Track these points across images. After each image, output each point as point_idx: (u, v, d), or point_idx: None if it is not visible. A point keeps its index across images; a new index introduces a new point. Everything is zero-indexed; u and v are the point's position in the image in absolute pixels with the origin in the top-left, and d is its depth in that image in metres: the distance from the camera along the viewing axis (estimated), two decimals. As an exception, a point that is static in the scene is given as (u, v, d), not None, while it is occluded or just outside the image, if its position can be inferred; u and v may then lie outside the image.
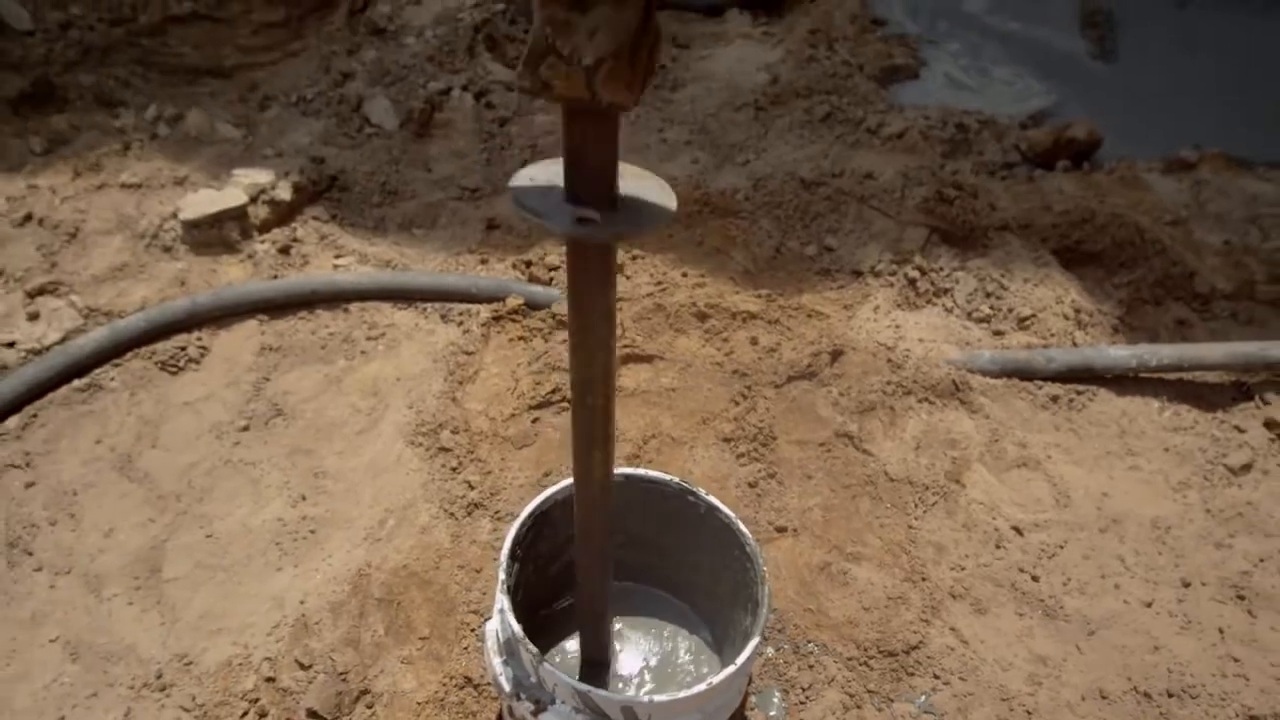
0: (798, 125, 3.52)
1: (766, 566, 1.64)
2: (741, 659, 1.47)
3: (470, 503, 2.23)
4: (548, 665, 1.44)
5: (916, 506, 2.25)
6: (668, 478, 1.75)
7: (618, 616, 1.89)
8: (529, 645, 1.47)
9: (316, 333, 2.72)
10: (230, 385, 2.57)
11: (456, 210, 3.21)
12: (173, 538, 2.21)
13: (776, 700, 1.90)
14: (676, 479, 1.75)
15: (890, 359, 2.53)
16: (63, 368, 2.54)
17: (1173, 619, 2.05)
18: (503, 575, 1.57)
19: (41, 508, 2.27)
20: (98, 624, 2.05)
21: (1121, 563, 2.16)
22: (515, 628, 1.48)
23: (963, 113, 3.79)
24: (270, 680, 1.92)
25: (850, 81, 3.85)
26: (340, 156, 3.40)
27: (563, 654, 1.86)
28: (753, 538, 1.65)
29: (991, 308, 2.70)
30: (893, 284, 2.79)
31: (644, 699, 1.43)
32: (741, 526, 1.67)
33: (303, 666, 1.94)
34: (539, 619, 1.88)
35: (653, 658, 1.87)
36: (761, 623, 1.53)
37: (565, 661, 1.85)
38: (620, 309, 2.59)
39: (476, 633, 1.97)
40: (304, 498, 2.29)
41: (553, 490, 1.69)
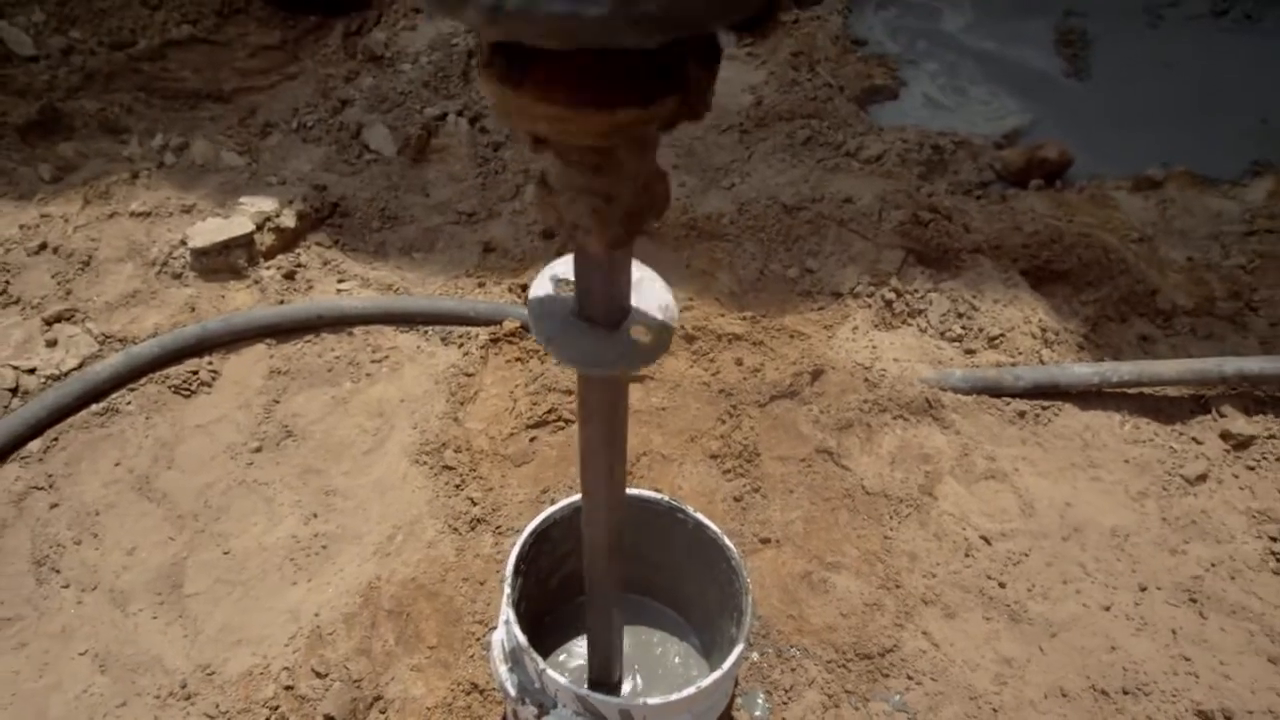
0: (780, 149, 3.67)
1: (751, 576, 1.78)
2: (728, 664, 1.61)
3: (473, 518, 2.37)
4: (550, 672, 1.58)
5: (891, 518, 2.40)
6: (659, 496, 1.89)
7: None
8: (533, 654, 1.61)
9: (323, 356, 2.85)
10: (242, 408, 2.70)
11: (454, 235, 3.34)
12: (192, 555, 2.34)
13: (761, 701, 2.04)
14: (667, 497, 1.89)
15: (867, 378, 2.68)
16: (81, 393, 2.67)
17: (1129, 621, 2.21)
18: (508, 589, 1.71)
19: (66, 527, 2.40)
20: (124, 637, 2.18)
21: (1082, 569, 2.31)
22: (521, 638, 1.62)
23: (939, 134, 3.93)
24: (289, 688, 2.05)
25: (831, 105, 4.00)
26: (341, 183, 3.53)
27: (565, 657, 2.01)
28: (737, 551, 1.79)
29: (963, 328, 2.85)
30: (870, 305, 2.94)
31: (638, 702, 1.56)
32: (727, 541, 1.81)
33: (319, 675, 2.08)
34: (540, 628, 2.02)
35: (645, 663, 2.02)
36: (746, 630, 1.67)
37: (564, 667, 1.99)
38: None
39: (482, 641, 2.11)
40: (315, 515, 2.42)
41: (551, 510, 1.83)
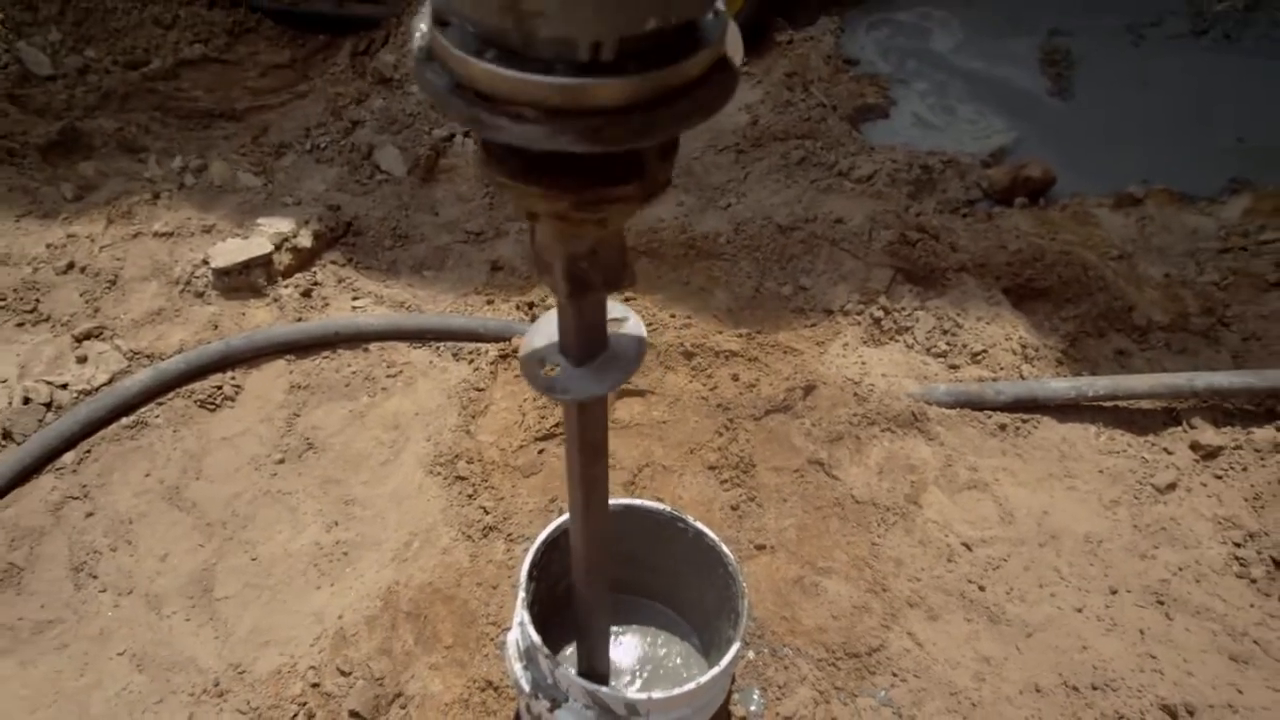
0: (775, 169, 3.82)
1: (747, 581, 1.93)
2: (725, 661, 1.76)
3: (486, 526, 2.51)
4: (563, 669, 1.73)
5: (879, 525, 2.55)
6: (661, 506, 2.04)
7: (619, 625, 2.18)
8: (546, 652, 1.75)
9: (340, 371, 3.00)
10: (264, 421, 2.85)
11: (463, 253, 3.50)
12: (221, 561, 2.49)
13: (756, 697, 2.19)
14: (668, 507, 2.04)
15: (857, 393, 2.83)
16: (112, 407, 2.81)
17: (1100, 622, 2.36)
18: (522, 593, 1.86)
19: (102, 535, 2.54)
20: (159, 639, 2.32)
21: (1057, 573, 2.47)
22: (535, 638, 1.77)
23: (927, 154, 4.08)
24: (315, 686, 2.20)
25: (824, 125, 4.15)
26: (354, 203, 3.68)
27: (571, 658, 2.16)
28: (734, 558, 1.94)
29: (948, 344, 3.00)
30: (860, 322, 3.10)
31: (643, 696, 1.71)
32: (725, 548, 1.96)
33: (343, 673, 2.22)
34: (550, 629, 2.17)
35: (648, 661, 2.17)
36: (742, 631, 1.82)
37: (573, 664, 2.14)
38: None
39: (495, 642, 2.26)
40: (336, 523, 2.57)
41: (561, 520, 1.98)
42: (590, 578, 1.66)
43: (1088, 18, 5.37)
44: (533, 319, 3.14)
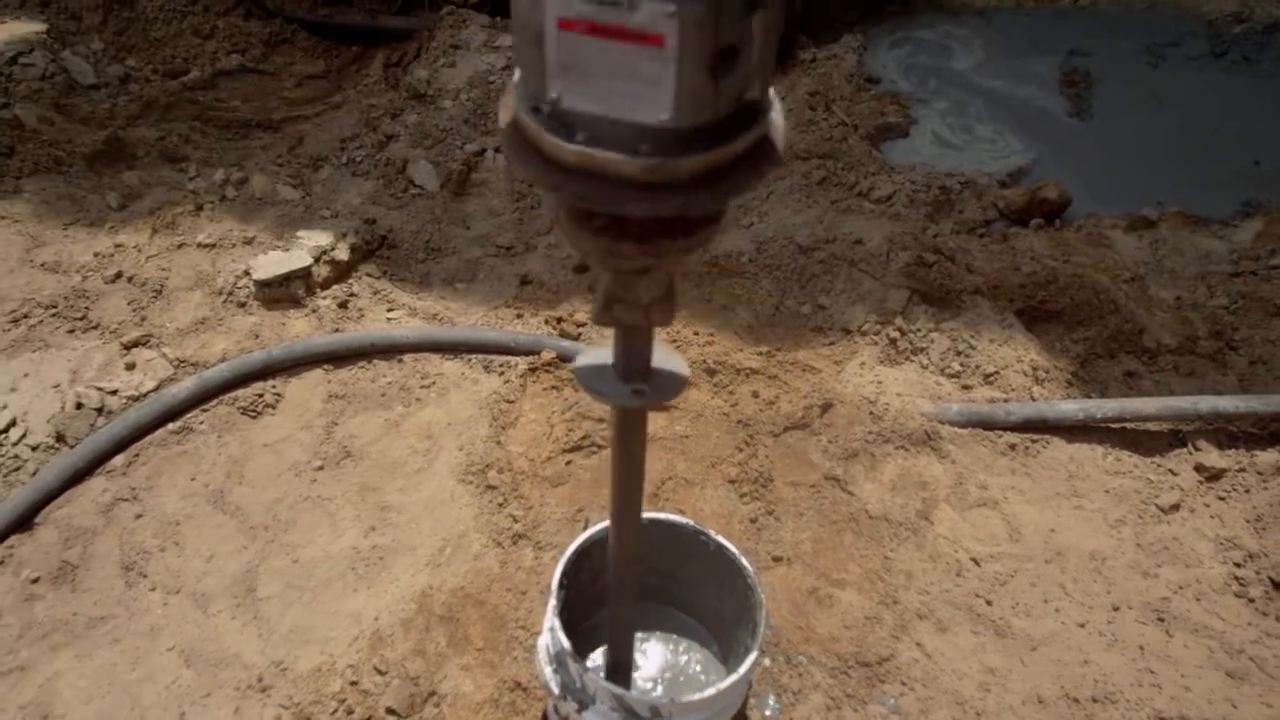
0: (796, 189, 3.93)
1: (764, 591, 2.04)
2: (743, 669, 1.87)
3: (515, 534, 2.64)
4: (591, 673, 1.85)
5: (891, 540, 2.66)
6: (684, 521, 2.16)
7: (641, 632, 2.30)
8: (575, 657, 1.87)
9: (375, 381, 3.13)
10: (304, 429, 2.98)
11: (494, 267, 3.62)
12: (264, 563, 2.62)
13: (771, 702, 2.31)
14: (691, 522, 2.15)
15: (872, 411, 2.94)
16: (159, 413, 2.95)
17: (1102, 637, 2.46)
18: (553, 601, 1.98)
19: (151, 536, 2.68)
20: (206, 635, 2.46)
21: (1062, 589, 2.57)
22: (565, 643, 1.89)
23: (946, 174, 4.18)
24: (354, 684, 2.33)
25: (845, 144, 4.26)
26: (388, 216, 3.81)
27: (600, 660, 2.28)
28: (752, 570, 2.05)
29: (961, 365, 3.11)
30: (877, 342, 3.21)
31: (666, 700, 1.83)
32: (744, 561, 2.07)
33: (380, 672, 2.35)
34: (578, 634, 2.29)
35: (670, 666, 2.29)
36: (759, 639, 1.93)
37: (600, 669, 2.26)
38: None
39: (524, 645, 2.38)
40: (373, 529, 2.70)
41: (590, 532, 2.10)
42: (621, 586, 1.78)
43: (1107, 38, 5.45)
44: (561, 333, 3.26)
